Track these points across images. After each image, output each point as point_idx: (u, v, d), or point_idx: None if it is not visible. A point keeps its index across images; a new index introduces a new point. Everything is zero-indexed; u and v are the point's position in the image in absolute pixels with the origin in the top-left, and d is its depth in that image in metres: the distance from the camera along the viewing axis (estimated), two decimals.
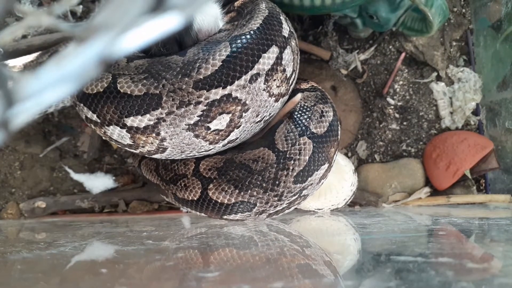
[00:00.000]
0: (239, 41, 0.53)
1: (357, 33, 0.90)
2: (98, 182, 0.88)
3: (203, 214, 0.66)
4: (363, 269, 0.51)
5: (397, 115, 0.94)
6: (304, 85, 0.70)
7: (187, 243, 0.62)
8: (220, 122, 0.54)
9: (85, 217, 0.88)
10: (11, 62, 0.67)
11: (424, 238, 0.65)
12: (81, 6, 0.87)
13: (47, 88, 0.17)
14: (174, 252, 0.56)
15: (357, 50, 0.93)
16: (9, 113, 0.17)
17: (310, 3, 0.74)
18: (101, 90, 0.53)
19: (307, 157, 0.62)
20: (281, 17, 0.61)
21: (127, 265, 0.52)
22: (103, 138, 0.60)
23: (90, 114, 0.55)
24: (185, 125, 0.53)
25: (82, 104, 0.56)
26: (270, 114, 0.61)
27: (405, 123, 0.94)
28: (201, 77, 0.51)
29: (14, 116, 0.17)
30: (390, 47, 0.94)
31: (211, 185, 0.62)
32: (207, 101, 0.52)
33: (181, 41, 0.58)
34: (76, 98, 0.57)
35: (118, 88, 0.52)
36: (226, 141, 0.59)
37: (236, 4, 0.65)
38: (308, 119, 0.64)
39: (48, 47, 0.70)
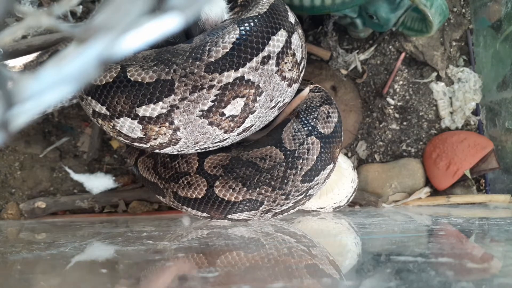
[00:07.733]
0: (246, 24, 0.53)
1: (357, 33, 0.90)
2: (98, 182, 0.88)
3: (205, 214, 0.65)
4: (363, 269, 0.51)
5: (397, 115, 0.94)
6: (308, 86, 0.71)
7: (187, 243, 0.62)
8: (234, 107, 0.53)
9: (85, 217, 0.88)
10: (11, 62, 0.67)
11: (424, 238, 0.65)
12: (81, 7, 0.87)
13: (47, 88, 0.17)
14: (174, 252, 0.56)
15: (357, 50, 0.93)
16: (9, 113, 0.17)
17: (310, 3, 0.74)
18: (111, 80, 0.51)
19: (315, 157, 0.62)
20: (286, 7, 0.61)
21: (127, 265, 0.52)
22: (111, 133, 0.58)
23: (98, 107, 0.54)
24: (199, 111, 0.52)
25: (90, 97, 0.54)
26: (283, 100, 0.60)
27: (405, 123, 0.94)
28: (212, 60, 0.50)
29: (14, 116, 0.17)
30: (390, 47, 0.94)
31: (217, 183, 0.61)
32: (220, 84, 0.51)
33: (188, 31, 0.57)
34: (83, 91, 0.55)
35: (129, 76, 0.51)
36: (241, 128, 0.57)
37: (240, 0, 0.65)
38: (315, 119, 0.64)
39: (48, 47, 0.70)
